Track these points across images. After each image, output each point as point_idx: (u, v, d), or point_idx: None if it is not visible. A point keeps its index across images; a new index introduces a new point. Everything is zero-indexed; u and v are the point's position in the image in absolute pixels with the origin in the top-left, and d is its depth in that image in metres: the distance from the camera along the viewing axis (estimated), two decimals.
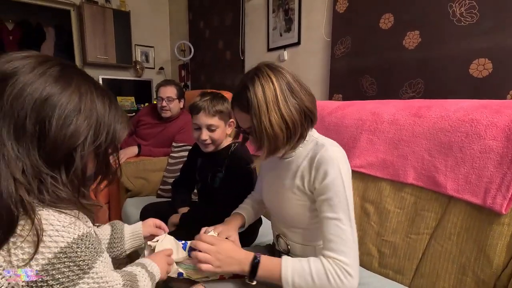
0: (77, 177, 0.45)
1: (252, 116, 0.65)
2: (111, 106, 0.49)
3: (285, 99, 0.65)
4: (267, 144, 0.66)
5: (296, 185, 0.72)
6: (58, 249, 0.40)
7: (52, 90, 0.42)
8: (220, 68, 2.95)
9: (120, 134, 0.51)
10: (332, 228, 0.63)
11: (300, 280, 0.62)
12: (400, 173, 0.98)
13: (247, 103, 0.65)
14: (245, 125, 0.71)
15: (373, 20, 1.68)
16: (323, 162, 0.66)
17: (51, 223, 0.41)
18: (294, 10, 2.13)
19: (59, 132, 0.42)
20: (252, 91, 0.64)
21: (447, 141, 0.88)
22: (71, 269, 0.41)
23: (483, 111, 0.84)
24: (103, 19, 3.19)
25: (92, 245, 0.44)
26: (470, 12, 1.33)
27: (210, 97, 1.09)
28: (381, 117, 1.06)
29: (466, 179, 0.82)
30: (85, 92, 0.45)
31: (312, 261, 0.63)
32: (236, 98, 0.70)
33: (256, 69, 0.69)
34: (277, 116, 0.64)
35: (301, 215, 0.73)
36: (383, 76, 1.68)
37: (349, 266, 0.61)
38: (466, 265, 0.79)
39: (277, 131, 0.64)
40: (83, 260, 0.42)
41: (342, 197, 0.64)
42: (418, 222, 0.91)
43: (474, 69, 1.34)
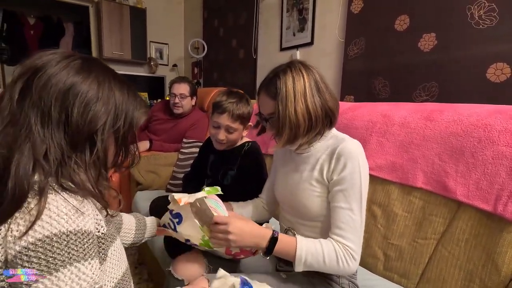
0: (99, 159, 0.49)
1: (278, 103, 0.69)
2: (129, 94, 0.53)
3: (312, 94, 0.69)
4: (287, 131, 0.69)
5: (315, 177, 0.74)
6: (40, 236, 0.39)
7: (73, 80, 0.46)
8: (233, 66, 2.97)
9: (138, 120, 0.54)
10: (344, 217, 0.67)
11: (312, 260, 0.66)
12: (409, 176, 0.97)
13: (275, 90, 0.69)
14: (266, 110, 0.74)
15: (388, 21, 1.65)
16: (343, 154, 0.69)
17: (49, 208, 0.41)
18: (308, 9, 2.13)
19: (80, 118, 0.46)
20: (282, 80, 0.69)
21: (459, 146, 0.86)
22: (39, 262, 0.39)
23: (497, 116, 0.82)
24: (120, 15, 3.26)
25: (76, 246, 0.41)
26: (489, 15, 1.29)
27: (237, 99, 1.06)
28: (392, 119, 1.05)
29: (477, 185, 0.81)
30: (103, 81, 0.49)
31: (324, 243, 0.68)
32: (265, 84, 0.74)
33: (289, 63, 0.73)
34: (302, 107, 0.68)
35: (317, 206, 0.74)
36: (397, 78, 1.65)
37: (355, 252, 0.66)
38: (474, 272, 0.78)
39: (301, 120, 0.68)
40: (54, 258, 0.39)
41: (357, 190, 0.68)
42: (425, 226, 0.90)
43: (491, 74, 1.30)
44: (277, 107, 0.69)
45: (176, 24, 3.86)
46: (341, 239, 0.67)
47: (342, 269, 0.66)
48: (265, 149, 1.57)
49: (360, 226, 0.68)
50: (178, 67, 3.81)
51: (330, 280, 0.78)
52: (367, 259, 1.01)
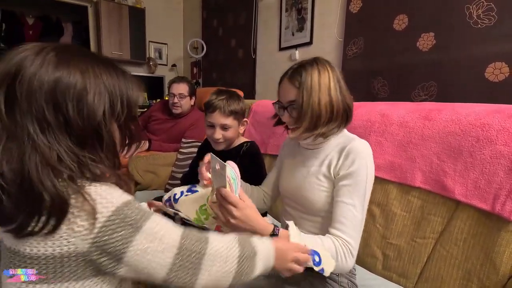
0: (110, 150, 0.48)
1: (302, 91, 0.70)
2: (118, 75, 0.49)
3: (335, 88, 0.72)
4: (308, 120, 0.71)
5: (322, 172, 0.75)
6: (110, 212, 0.43)
7: (55, 76, 0.43)
8: (232, 66, 2.97)
9: (135, 99, 0.52)
10: (346, 212, 0.68)
11: None
12: (407, 176, 0.97)
13: (300, 79, 0.71)
14: (287, 98, 0.75)
15: (387, 21, 1.65)
16: (353, 152, 0.71)
17: (99, 193, 0.44)
18: (307, 9, 2.13)
19: (78, 116, 0.43)
20: (309, 71, 0.71)
21: (457, 145, 0.86)
22: (124, 228, 0.44)
23: (495, 116, 0.82)
24: (119, 15, 3.26)
25: (138, 208, 0.47)
26: (488, 15, 1.30)
27: (226, 96, 1.08)
28: (390, 119, 1.05)
29: (475, 184, 0.81)
30: (86, 69, 0.45)
31: (324, 239, 0.67)
32: (289, 73, 0.76)
33: (315, 58, 0.76)
34: (327, 99, 0.71)
35: (321, 201, 0.75)
36: (395, 78, 1.65)
37: (353, 249, 0.67)
38: (472, 272, 0.78)
39: (323, 111, 0.71)
40: (133, 219, 0.45)
41: (362, 187, 0.69)
42: (424, 226, 0.90)
43: (490, 73, 1.31)
44: (300, 95, 0.71)
45: (175, 24, 3.86)
46: (341, 234, 0.67)
47: (340, 265, 0.66)
48: (264, 149, 1.57)
49: (361, 223, 0.69)
50: (177, 67, 3.81)
51: (330, 279, 0.78)
52: (366, 258, 1.01)
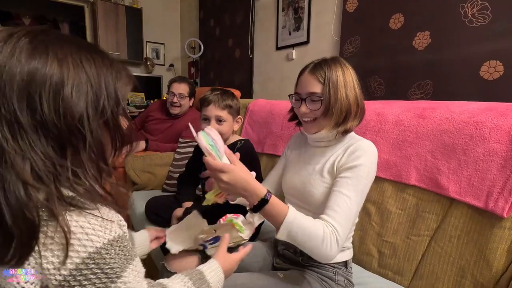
0: (95, 153, 0.40)
1: (328, 85, 0.72)
2: (104, 64, 0.42)
3: (358, 85, 0.76)
4: (338, 114, 0.73)
5: (327, 169, 0.76)
6: (86, 254, 0.36)
7: (29, 67, 0.35)
8: (229, 66, 2.97)
9: (123, 91, 0.44)
10: (341, 203, 0.68)
11: (297, 231, 0.64)
12: (402, 174, 0.97)
13: (324, 74, 0.73)
14: (308, 89, 0.75)
15: (383, 20, 1.66)
16: (358, 149, 0.73)
17: (81, 225, 0.37)
18: (304, 8, 2.13)
19: (54, 114, 0.36)
20: (333, 67, 0.73)
21: (451, 143, 0.87)
22: (98, 277, 0.37)
23: (489, 114, 0.83)
24: (115, 15, 3.25)
25: (122, 251, 0.40)
26: (482, 13, 1.30)
27: (221, 91, 1.13)
28: (385, 117, 1.06)
29: (469, 181, 0.82)
30: (65, 56, 0.38)
31: (315, 221, 0.66)
32: (311, 66, 0.77)
33: (335, 56, 0.78)
34: (354, 93, 0.74)
35: (323, 197, 0.75)
36: (392, 76, 1.66)
37: (340, 238, 0.65)
38: (466, 268, 0.78)
39: (352, 105, 0.74)
40: (111, 268, 0.38)
41: (361, 183, 0.70)
42: (419, 223, 0.91)
43: (485, 71, 1.31)
44: (326, 90, 0.72)
45: (172, 24, 3.86)
46: (332, 220, 0.66)
47: (323, 250, 0.64)
48: (261, 148, 1.58)
49: (353, 217, 0.69)
50: (174, 67, 3.81)
51: (327, 277, 0.78)
52: (361, 256, 1.02)
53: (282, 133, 1.50)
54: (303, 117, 0.78)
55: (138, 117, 2.30)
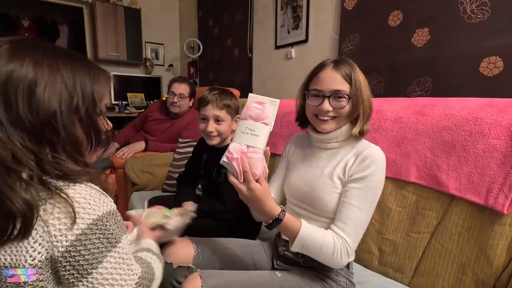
0: (72, 148, 0.45)
1: (354, 86, 0.72)
2: (79, 66, 0.47)
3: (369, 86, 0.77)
4: (362, 113, 0.73)
5: (337, 174, 0.75)
6: (91, 220, 0.42)
7: (7, 69, 0.41)
8: (229, 65, 2.96)
9: (99, 91, 0.48)
10: (351, 214, 0.69)
11: (310, 244, 0.68)
12: (402, 171, 0.97)
13: (349, 72, 0.73)
14: (331, 87, 0.73)
15: (381, 18, 1.65)
16: (368, 157, 0.72)
17: (84, 196, 0.43)
18: (302, 7, 2.12)
19: (28, 109, 0.41)
20: (354, 66, 0.74)
21: (450, 139, 0.87)
22: (101, 241, 0.43)
23: (488, 110, 0.82)
24: (114, 16, 3.25)
25: (119, 221, 0.47)
26: (482, 9, 1.30)
27: (219, 91, 1.13)
28: (385, 115, 1.05)
29: (469, 178, 0.81)
30: (41, 60, 0.43)
31: (326, 233, 0.69)
32: (332, 61, 0.76)
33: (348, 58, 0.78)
34: (369, 94, 0.75)
35: (334, 203, 0.74)
36: (391, 74, 1.65)
37: (351, 249, 0.68)
38: (466, 265, 0.78)
39: (371, 105, 0.76)
40: (111, 233, 0.44)
41: (372, 193, 0.70)
42: (419, 221, 0.90)
43: (484, 68, 1.31)
44: (354, 89, 0.72)
45: (171, 24, 3.86)
46: (342, 232, 0.68)
47: (334, 261, 0.68)
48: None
49: (364, 226, 0.70)
50: (174, 67, 3.81)
51: (328, 278, 0.78)
52: (362, 254, 1.01)
53: (281, 132, 1.49)
54: (322, 115, 0.74)
55: (137, 117, 2.30)
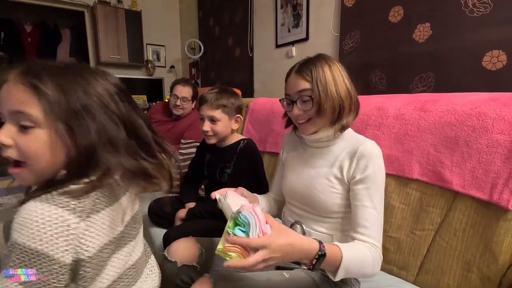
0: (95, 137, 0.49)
1: (316, 84, 0.71)
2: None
3: (348, 79, 0.75)
4: (331, 111, 0.71)
5: (334, 174, 0.75)
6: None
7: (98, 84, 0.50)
8: (230, 65, 2.96)
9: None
10: (369, 216, 0.68)
11: (353, 267, 0.64)
12: (405, 168, 0.96)
13: (310, 72, 0.71)
14: (296, 88, 0.74)
15: (382, 14, 1.64)
16: (365, 155, 0.71)
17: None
18: (302, 5, 2.11)
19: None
20: (318, 64, 0.72)
21: (453, 135, 0.86)
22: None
23: (491, 104, 0.81)
24: (115, 19, 3.26)
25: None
26: (483, 2, 1.28)
27: (218, 90, 1.13)
28: (386, 111, 1.05)
29: (472, 174, 0.80)
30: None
31: (361, 248, 0.66)
32: (296, 66, 0.76)
33: (320, 54, 0.76)
34: (344, 87, 0.72)
35: (333, 203, 0.75)
36: (393, 70, 1.64)
37: (380, 250, 0.68)
38: (471, 262, 0.77)
39: (345, 99, 0.72)
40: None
41: (380, 188, 0.71)
42: (423, 218, 0.90)
43: (487, 62, 1.29)
44: (315, 87, 0.71)
45: (172, 25, 3.86)
46: (369, 239, 0.67)
47: (374, 272, 0.67)
48: (263, 147, 1.57)
49: (382, 223, 0.71)
50: (175, 68, 3.82)
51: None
52: None
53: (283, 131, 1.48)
54: (297, 119, 0.77)
55: None
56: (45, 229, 0.40)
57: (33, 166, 0.46)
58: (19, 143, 0.44)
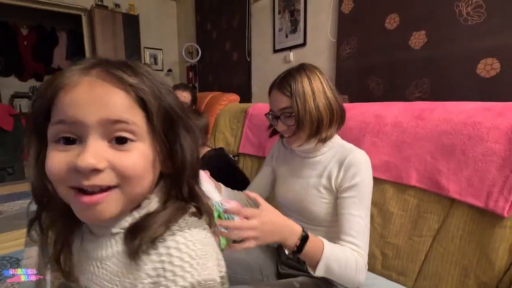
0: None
1: (295, 99, 0.71)
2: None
3: (329, 90, 0.75)
4: (309, 126, 0.72)
5: (323, 184, 0.76)
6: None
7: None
8: (227, 69, 2.98)
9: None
10: (355, 225, 0.68)
11: (334, 265, 0.63)
12: (403, 175, 0.98)
13: (290, 88, 0.72)
14: (278, 106, 0.75)
15: (378, 20, 1.67)
16: (353, 165, 0.72)
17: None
18: (300, 11, 2.14)
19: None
20: (298, 79, 0.72)
21: (450, 143, 0.88)
22: None
23: (486, 114, 0.83)
24: (112, 23, 3.26)
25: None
26: (477, 12, 1.31)
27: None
28: (384, 119, 1.07)
29: (469, 181, 0.82)
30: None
31: (346, 249, 0.66)
32: (277, 82, 0.77)
33: (301, 64, 0.77)
34: (323, 101, 0.73)
35: (324, 212, 0.76)
36: (389, 76, 1.67)
37: (365, 260, 0.67)
38: (468, 268, 0.79)
39: (323, 114, 0.72)
40: None
41: (366, 197, 0.71)
42: (421, 224, 0.91)
43: (481, 69, 1.32)
44: (295, 103, 0.71)
45: (170, 29, 3.87)
46: (355, 247, 0.67)
47: (357, 278, 0.65)
48: (262, 152, 1.59)
49: (368, 232, 0.70)
50: (173, 72, 3.82)
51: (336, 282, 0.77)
52: None
53: None
54: (283, 133, 0.79)
55: None
56: (207, 256, 0.34)
57: (129, 188, 0.34)
58: (116, 163, 0.32)
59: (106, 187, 0.33)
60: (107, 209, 0.33)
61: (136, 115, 0.34)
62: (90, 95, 0.32)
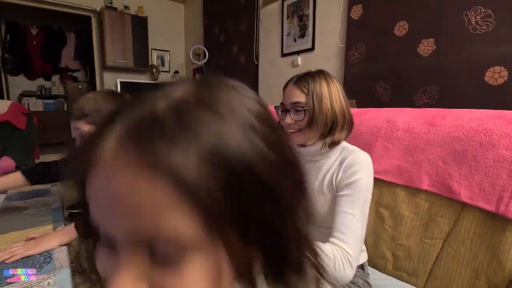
0: None
1: (311, 97, 0.74)
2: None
3: (344, 98, 0.78)
4: (323, 125, 0.74)
5: (326, 185, 0.78)
6: None
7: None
8: (234, 72, 3.01)
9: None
10: (347, 222, 0.69)
11: None
12: (414, 179, 1.01)
13: (308, 85, 0.75)
14: (292, 99, 0.77)
15: (387, 27, 1.71)
16: (353, 164, 0.73)
17: None
18: (309, 16, 2.18)
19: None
20: (317, 79, 0.75)
21: (461, 149, 0.91)
22: None
23: (497, 121, 0.87)
24: (121, 24, 3.31)
25: None
26: (486, 21, 1.35)
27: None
28: (396, 125, 1.10)
29: (480, 186, 0.86)
30: None
31: (323, 246, 0.66)
32: (295, 78, 0.79)
33: (321, 70, 0.80)
34: (340, 105, 0.76)
35: (327, 212, 0.77)
36: (397, 82, 1.70)
37: (352, 259, 0.66)
38: (479, 269, 0.82)
39: (339, 116, 0.75)
40: None
41: (362, 197, 0.71)
42: (432, 227, 0.94)
43: (489, 77, 1.35)
44: (311, 101, 0.74)
45: (177, 31, 3.92)
46: (341, 243, 0.66)
47: (338, 274, 0.64)
48: None
49: (361, 232, 0.70)
50: (179, 73, 3.86)
51: None
52: (376, 260, 1.05)
53: None
54: (288, 128, 0.79)
55: None
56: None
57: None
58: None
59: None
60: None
61: (186, 222, 0.19)
62: (108, 189, 0.19)
